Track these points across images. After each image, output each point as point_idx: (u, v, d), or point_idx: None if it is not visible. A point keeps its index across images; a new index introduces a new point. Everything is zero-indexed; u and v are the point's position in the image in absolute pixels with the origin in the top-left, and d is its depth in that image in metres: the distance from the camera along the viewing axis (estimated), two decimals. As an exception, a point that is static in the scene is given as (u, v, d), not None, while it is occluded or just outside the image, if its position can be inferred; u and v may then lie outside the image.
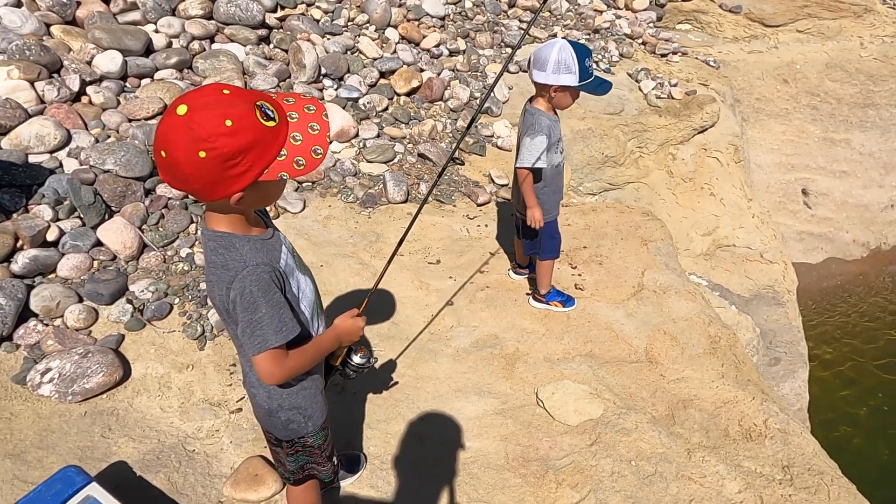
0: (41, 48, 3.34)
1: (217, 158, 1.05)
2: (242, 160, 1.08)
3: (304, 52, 4.13)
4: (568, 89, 2.42)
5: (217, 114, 1.04)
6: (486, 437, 2.34)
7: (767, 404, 2.58)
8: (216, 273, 1.26)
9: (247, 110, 1.07)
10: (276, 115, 1.12)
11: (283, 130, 1.13)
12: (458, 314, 2.98)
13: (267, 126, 1.09)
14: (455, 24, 5.37)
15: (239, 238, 1.25)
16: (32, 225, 2.68)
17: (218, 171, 1.07)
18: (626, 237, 3.65)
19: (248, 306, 1.23)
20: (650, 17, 6.95)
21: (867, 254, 7.79)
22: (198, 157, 1.05)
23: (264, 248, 1.29)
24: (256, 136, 1.07)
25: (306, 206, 3.52)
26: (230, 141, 1.05)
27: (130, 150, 3.09)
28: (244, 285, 1.22)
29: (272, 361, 1.28)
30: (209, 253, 1.27)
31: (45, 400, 2.28)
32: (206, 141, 1.04)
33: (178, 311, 2.72)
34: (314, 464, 1.67)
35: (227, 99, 1.07)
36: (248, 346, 1.26)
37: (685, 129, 5.58)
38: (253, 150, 1.08)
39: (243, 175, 1.10)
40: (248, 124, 1.06)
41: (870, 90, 7.27)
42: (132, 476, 2.08)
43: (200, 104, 1.05)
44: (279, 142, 1.12)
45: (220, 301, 1.28)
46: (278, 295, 1.27)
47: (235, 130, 1.05)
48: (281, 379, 1.35)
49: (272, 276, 1.26)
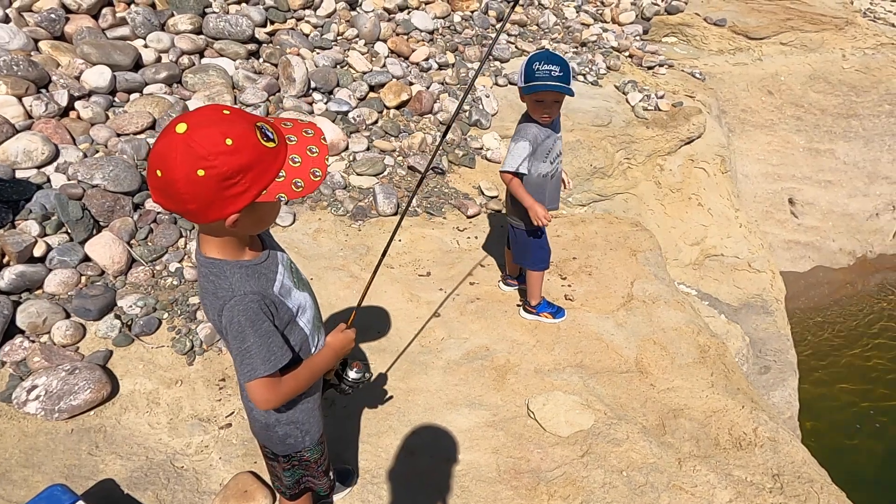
0: (29, 63, 3.34)
1: (216, 177, 1.04)
2: (241, 180, 1.06)
3: (294, 66, 4.15)
4: (526, 96, 2.47)
5: (218, 132, 1.03)
6: (477, 449, 2.34)
7: (757, 413, 2.59)
8: (208, 299, 1.26)
9: (247, 130, 1.06)
10: (276, 137, 1.12)
11: (282, 152, 1.13)
12: (448, 326, 2.98)
13: (267, 147, 1.09)
14: (444, 38, 5.42)
15: (230, 265, 1.24)
16: (19, 240, 2.66)
17: (215, 191, 1.06)
18: (616, 248, 3.67)
19: (236, 335, 1.23)
20: (636, 30, 7.05)
21: (853, 262, 7.88)
22: (196, 176, 1.03)
23: (255, 273, 1.27)
24: (256, 155, 1.07)
25: (296, 220, 3.52)
26: (230, 160, 1.04)
27: (119, 164, 3.08)
28: (232, 315, 1.22)
29: (265, 388, 1.28)
30: (201, 279, 1.27)
31: (31, 418, 2.25)
32: (205, 159, 1.02)
33: (166, 326, 2.70)
34: (311, 478, 1.66)
35: (228, 118, 1.07)
36: (239, 373, 1.27)
37: (672, 140, 5.65)
38: (252, 170, 1.07)
39: (241, 196, 1.08)
40: (248, 143, 1.06)
41: (852, 101, 7.40)
42: (119, 494, 2.05)
43: (200, 122, 1.04)
44: (278, 163, 1.11)
45: (215, 325, 1.29)
46: (267, 324, 1.26)
47: (236, 149, 1.04)
48: (276, 404, 1.35)
49: (260, 304, 1.25)
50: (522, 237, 2.81)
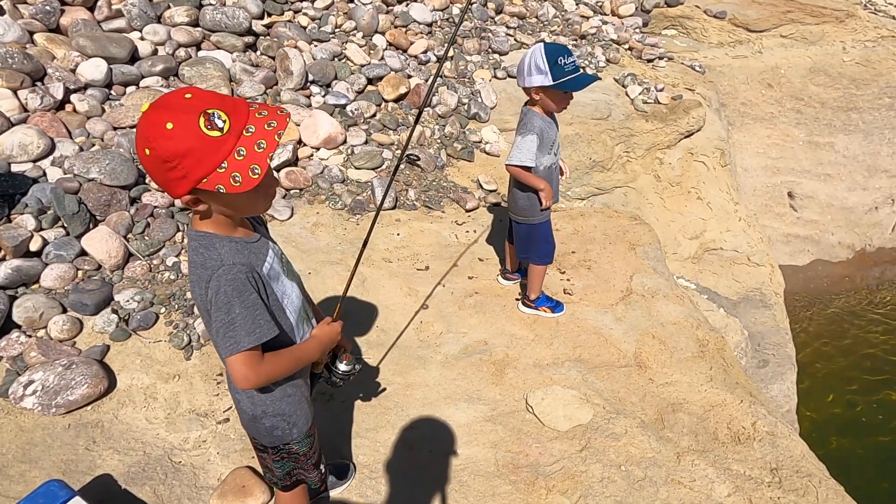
0: (24, 56, 3.31)
1: (157, 158, 1.09)
2: (178, 165, 1.09)
3: (292, 58, 4.12)
4: (546, 90, 2.44)
5: (163, 116, 1.08)
6: (475, 443, 2.33)
7: (756, 407, 2.59)
8: (196, 272, 1.26)
9: (191, 116, 1.08)
10: (227, 126, 1.10)
11: (228, 142, 1.11)
12: (447, 320, 2.97)
13: (208, 135, 1.09)
14: (442, 31, 5.38)
15: (220, 238, 1.26)
16: (15, 235, 2.64)
17: (160, 171, 1.11)
18: (615, 242, 3.66)
19: (221, 306, 1.22)
20: (636, 22, 7.01)
21: (852, 255, 7.87)
22: (145, 154, 1.10)
23: (246, 250, 1.29)
24: (193, 144, 1.08)
25: (294, 214, 3.51)
26: (167, 143, 1.07)
27: (115, 158, 3.06)
28: (220, 284, 1.22)
29: (245, 364, 1.27)
30: (191, 252, 1.27)
31: (28, 413, 2.24)
32: (148, 140, 1.08)
33: (164, 320, 2.69)
34: (301, 470, 1.66)
35: (180, 103, 1.09)
36: (221, 347, 1.25)
37: (672, 133, 5.62)
38: (188, 157, 1.09)
39: (182, 179, 1.11)
40: (186, 130, 1.08)
41: (852, 94, 7.37)
42: (117, 489, 2.05)
43: (157, 105, 1.10)
44: (220, 154, 1.10)
45: (200, 301, 1.27)
46: (254, 296, 1.26)
47: (173, 135, 1.07)
48: (255, 383, 1.33)
49: (248, 276, 1.25)
50: (526, 232, 2.81)
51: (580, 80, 2.43)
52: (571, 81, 2.41)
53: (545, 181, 2.61)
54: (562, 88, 2.43)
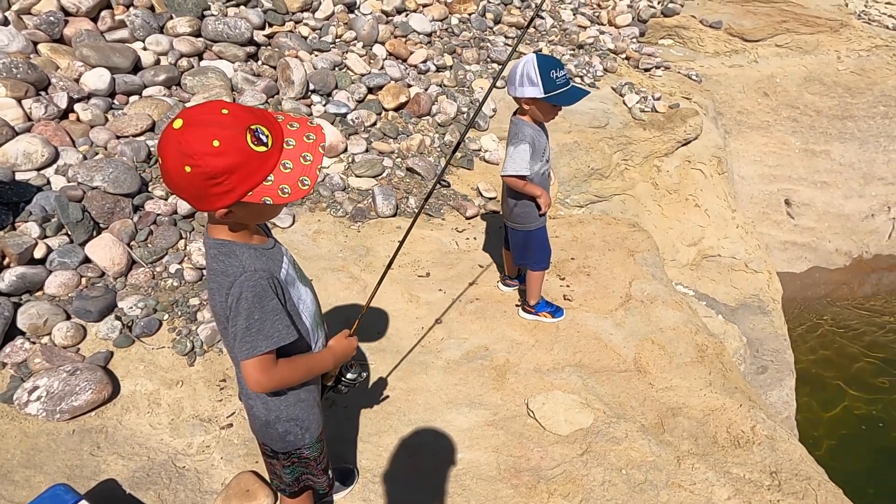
0: (28, 66, 3.35)
1: (200, 175, 1.08)
2: (226, 180, 1.10)
3: (293, 68, 4.16)
4: (537, 102, 2.47)
5: (207, 133, 1.07)
6: (477, 448, 2.35)
7: (755, 411, 2.61)
8: (216, 280, 1.27)
9: (238, 133, 1.09)
10: (270, 141, 1.13)
11: (273, 156, 1.14)
12: (448, 326, 2.99)
13: (256, 151, 1.11)
14: (442, 41, 5.44)
15: (239, 245, 1.27)
16: (20, 242, 2.67)
17: (202, 187, 1.11)
18: (613, 248, 3.69)
19: (242, 311, 1.24)
20: (633, 32, 7.08)
21: (850, 262, 7.91)
22: (184, 171, 1.08)
23: (264, 256, 1.31)
24: (242, 159, 1.09)
25: (296, 221, 3.53)
26: (215, 161, 1.07)
27: (119, 166, 3.09)
28: (241, 290, 1.23)
29: (259, 368, 1.29)
30: (210, 260, 1.28)
31: (33, 419, 2.25)
32: (192, 157, 1.07)
33: (167, 327, 2.71)
34: (310, 475, 1.67)
35: (222, 119, 1.09)
36: (238, 350, 1.27)
37: (669, 141, 5.68)
38: (237, 173, 1.10)
39: (226, 194, 1.12)
40: (236, 146, 1.08)
41: (847, 102, 7.44)
42: (122, 494, 2.06)
43: (195, 121, 1.08)
44: (267, 167, 1.13)
45: (220, 308, 1.28)
46: (274, 301, 1.28)
47: (221, 151, 1.07)
48: (267, 388, 1.35)
49: (270, 282, 1.27)
50: (523, 238, 2.84)
51: (571, 94, 2.46)
52: (562, 95, 2.43)
53: (542, 188, 2.66)
54: (553, 102, 2.46)
